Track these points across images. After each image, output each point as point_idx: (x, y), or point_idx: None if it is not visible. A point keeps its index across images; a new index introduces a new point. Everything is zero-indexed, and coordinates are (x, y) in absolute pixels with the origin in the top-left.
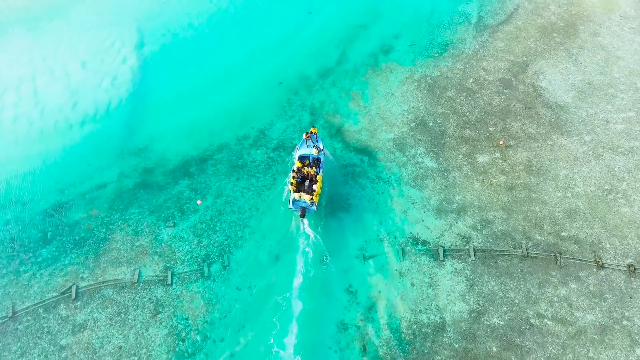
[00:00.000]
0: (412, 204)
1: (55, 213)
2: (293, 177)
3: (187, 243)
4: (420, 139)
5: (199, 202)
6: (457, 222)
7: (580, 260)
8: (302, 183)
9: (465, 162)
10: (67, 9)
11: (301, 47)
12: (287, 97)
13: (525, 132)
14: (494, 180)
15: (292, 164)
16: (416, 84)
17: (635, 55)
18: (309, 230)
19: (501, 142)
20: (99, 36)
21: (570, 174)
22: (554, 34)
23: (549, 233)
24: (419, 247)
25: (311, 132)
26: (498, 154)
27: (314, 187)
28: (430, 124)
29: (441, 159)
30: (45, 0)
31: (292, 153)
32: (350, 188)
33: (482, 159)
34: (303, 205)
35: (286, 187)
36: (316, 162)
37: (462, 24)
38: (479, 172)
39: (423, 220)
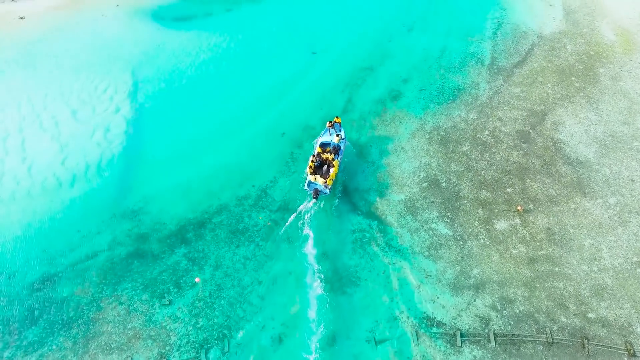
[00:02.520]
0: (426, 277)
1: (43, 287)
2: (312, 161)
3: (183, 324)
4: (433, 202)
5: (197, 279)
6: (475, 300)
7: (610, 347)
8: (320, 167)
9: (482, 230)
10: (58, 49)
11: (305, 93)
12: (290, 150)
13: (545, 193)
14: (514, 251)
15: (311, 152)
16: (427, 136)
17: None
18: (314, 306)
19: (520, 208)
20: (91, 80)
21: (596, 244)
22: (573, 78)
23: (574, 314)
24: (434, 329)
25: (335, 122)
26: (517, 220)
27: (330, 171)
28: (444, 184)
29: (456, 225)
30: (34, 39)
31: (314, 141)
32: (359, 258)
33: (500, 225)
34: (317, 187)
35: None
36: (336, 150)
37: (474, 66)
38: (497, 242)
39: (438, 298)
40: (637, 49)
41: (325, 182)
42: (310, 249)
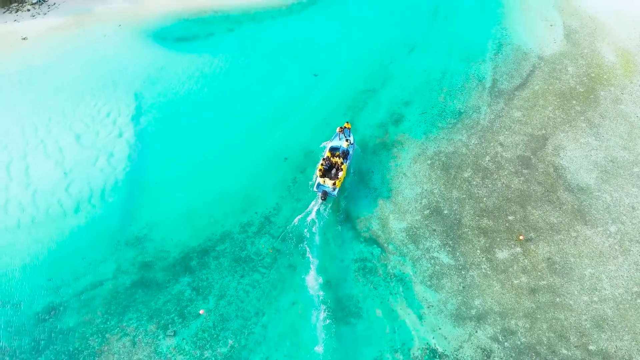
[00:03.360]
0: (428, 307)
1: (49, 317)
2: (321, 164)
3: (188, 357)
4: (435, 229)
5: (201, 311)
6: (476, 332)
7: None
8: (329, 170)
9: (484, 259)
10: (61, 71)
11: (307, 117)
12: (293, 175)
13: (546, 221)
14: (515, 281)
15: (321, 155)
16: (429, 161)
17: None
18: (317, 336)
19: (521, 237)
20: (94, 104)
21: (597, 273)
22: (574, 101)
23: (575, 346)
24: None
25: (345, 127)
26: (519, 249)
27: (339, 174)
28: (445, 211)
29: (458, 254)
30: (37, 62)
31: (324, 144)
32: (362, 287)
33: (501, 254)
34: (326, 189)
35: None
36: (344, 154)
37: (475, 88)
38: (498, 271)
39: (440, 328)
40: (638, 70)
41: (334, 185)
42: (313, 278)
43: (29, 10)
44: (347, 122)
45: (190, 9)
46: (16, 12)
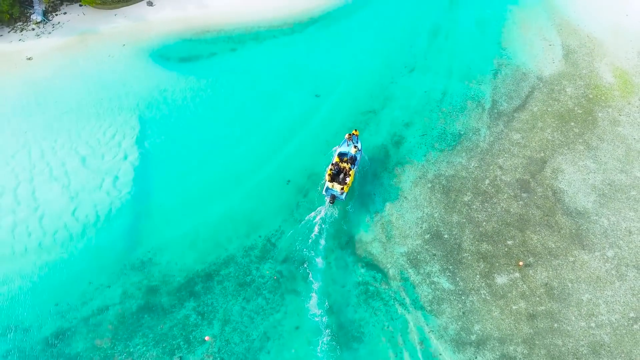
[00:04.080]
0: (429, 332)
1: (57, 342)
2: (330, 169)
3: None
4: (435, 254)
5: (207, 338)
6: (476, 357)
7: None
8: (338, 175)
9: (483, 284)
10: (67, 92)
11: (309, 139)
12: (295, 199)
13: (545, 246)
14: (514, 307)
15: (331, 160)
16: (430, 184)
17: None
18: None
19: (521, 263)
20: (99, 126)
21: (594, 299)
22: (572, 123)
23: None
24: None
25: (353, 134)
26: (517, 274)
27: (347, 179)
28: (446, 236)
29: (458, 279)
30: (42, 82)
31: (333, 149)
32: (363, 312)
33: (500, 279)
34: (334, 193)
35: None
36: (352, 160)
37: (475, 110)
38: (498, 296)
39: (441, 354)
40: (635, 91)
41: (342, 189)
42: (316, 303)
43: (33, 29)
44: (355, 130)
45: (193, 28)
46: (21, 31)
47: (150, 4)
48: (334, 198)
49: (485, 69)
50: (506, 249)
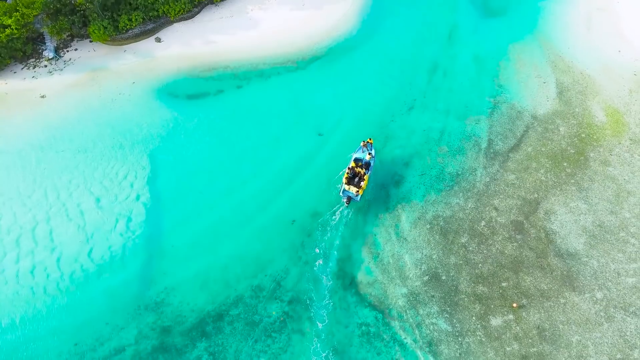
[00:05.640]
0: None
1: None
2: (347, 173)
3: None
4: (433, 296)
5: None
6: None
7: None
8: (353, 178)
9: (479, 326)
10: (79, 131)
11: (312, 178)
12: (300, 238)
13: (537, 287)
14: (507, 349)
15: (348, 164)
16: (428, 226)
17: None
18: None
19: (514, 305)
20: (112, 165)
21: (583, 340)
22: (565, 163)
23: None
24: None
25: (368, 142)
26: (511, 316)
27: (362, 183)
28: (444, 277)
29: (455, 320)
30: (56, 121)
31: (350, 154)
32: (365, 352)
33: (495, 321)
34: (350, 195)
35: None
36: (366, 165)
37: (472, 149)
38: (492, 338)
39: None
40: (626, 130)
41: (357, 191)
42: (320, 343)
43: (45, 66)
44: (370, 139)
45: (200, 65)
46: (34, 67)
47: (158, 40)
48: (349, 199)
49: (482, 107)
50: (501, 291)
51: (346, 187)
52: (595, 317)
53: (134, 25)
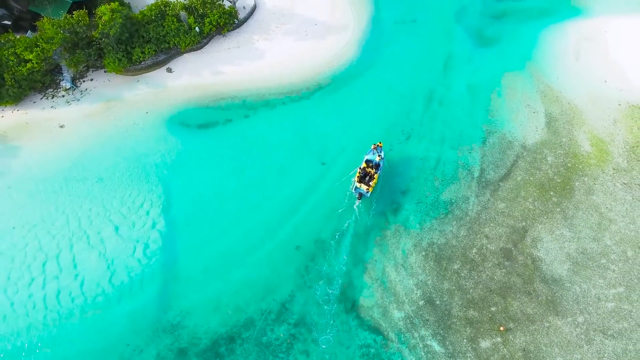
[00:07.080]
0: None
1: None
2: (359, 172)
3: None
4: (428, 320)
5: None
6: None
7: None
8: (364, 177)
9: (469, 348)
10: (98, 160)
11: (316, 206)
12: (305, 263)
13: (524, 312)
14: None
15: (360, 164)
16: (424, 253)
17: (625, 217)
18: None
19: (502, 328)
20: (129, 194)
21: None
22: (551, 192)
23: None
24: None
25: (378, 145)
26: (499, 339)
27: (371, 182)
28: (437, 302)
29: (447, 342)
30: (75, 152)
31: (364, 155)
32: None
33: (484, 344)
34: (361, 191)
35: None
36: (376, 166)
37: (465, 178)
38: None
39: None
40: (610, 159)
41: (368, 189)
42: None
43: (63, 95)
44: (380, 142)
45: (209, 95)
46: (52, 97)
47: (169, 70)
48: (361, 195)
49: (475, 137)
50: (490, 315)
51: (358, 184)
52: (577, 340)
53: (146, 57)
